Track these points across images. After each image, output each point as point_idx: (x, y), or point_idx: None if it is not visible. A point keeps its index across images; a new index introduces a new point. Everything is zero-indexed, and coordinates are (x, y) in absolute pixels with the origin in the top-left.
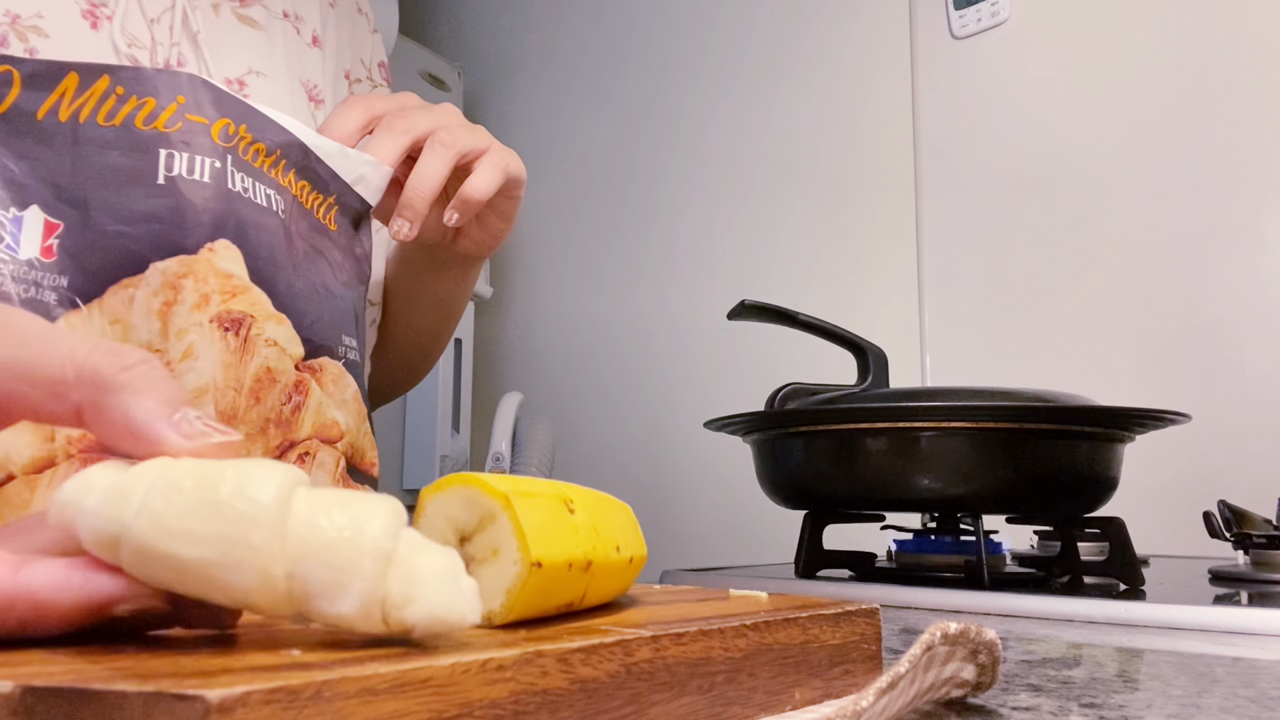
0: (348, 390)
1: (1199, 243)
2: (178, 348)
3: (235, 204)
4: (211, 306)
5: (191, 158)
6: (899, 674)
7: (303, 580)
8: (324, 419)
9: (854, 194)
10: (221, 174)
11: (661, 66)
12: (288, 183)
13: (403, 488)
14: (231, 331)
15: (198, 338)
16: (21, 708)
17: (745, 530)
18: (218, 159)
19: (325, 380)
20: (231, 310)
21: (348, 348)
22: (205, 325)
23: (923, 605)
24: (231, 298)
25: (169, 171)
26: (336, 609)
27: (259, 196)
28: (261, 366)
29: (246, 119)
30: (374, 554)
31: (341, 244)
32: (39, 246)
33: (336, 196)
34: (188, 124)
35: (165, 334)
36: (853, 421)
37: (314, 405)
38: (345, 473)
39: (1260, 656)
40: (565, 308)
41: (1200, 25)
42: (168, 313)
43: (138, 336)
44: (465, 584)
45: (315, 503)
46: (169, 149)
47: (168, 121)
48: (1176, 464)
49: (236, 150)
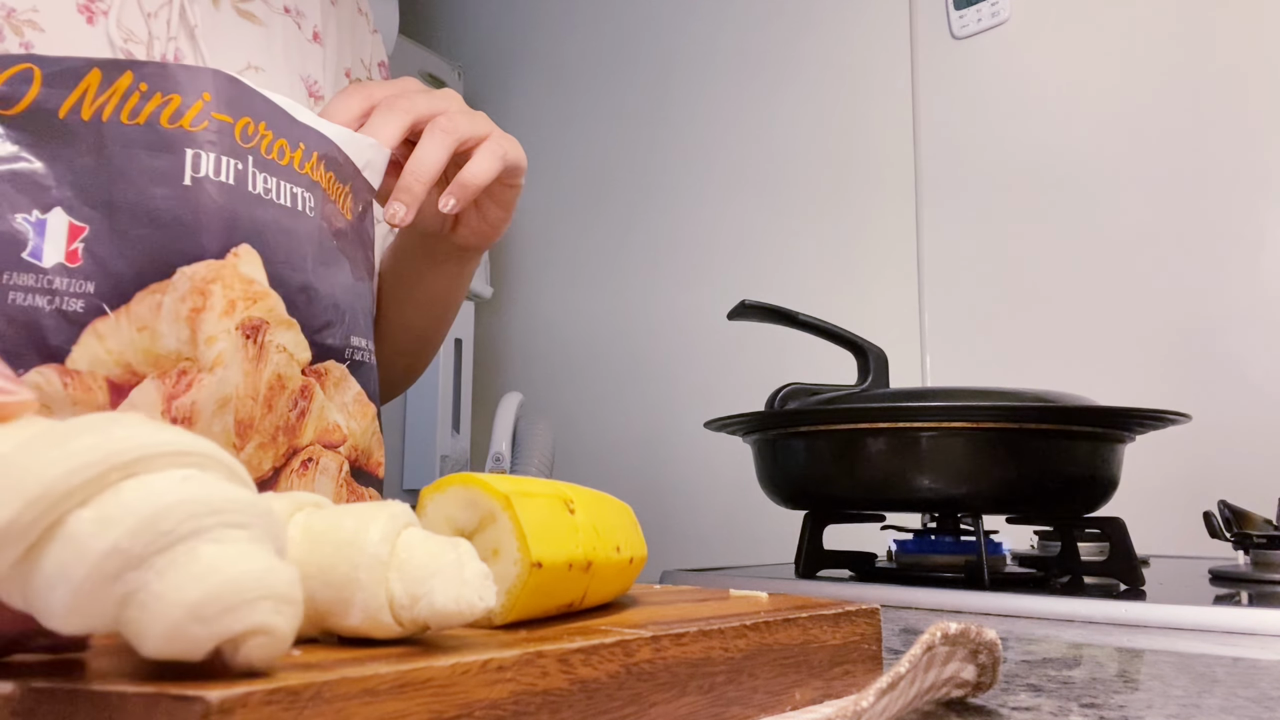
0: (349, 392)
1: (1199, 243)
2: (208, 355)
3: (256, 207)
4: (238, 313)
5: (218, 159)
6: (899, 674)
7: (313, 603)
8: (325, 424)
9: (854, 194)
10: (244, 176)
11: (662, 67)
12: (318, 176)
13: (403, 488)
14: (251, 339)
15: (226, 345)
16: (22, 708)
17: (745, 530)
18: (239, 160)
19: (328, 384)
20: (252, 317)
21: (355, 349)
22: (232, 332)
23: (923, 605)
24: (253, 304)
25: (195, 172)
26: (348, 623)
27: (283, 197)
28: (273, 374)
29: (267, 116)
30: (369, 565)
31: (355, 233)
32: (64, 251)
33: (351, 184)
34: (214, 122)
35: (194, 341)
36: (853, 421)
37: (316, 410)
38: (349, 477)
39: (1260, 656)
40: (565, 308)
41: (1200, 25)
42: (196, 319)
43: (165, 344)
44: (472, 572)
45: (314, 528)
46: (195, 149)
47: (193, 120)
48: (1176, 464)
49: (259, 150)
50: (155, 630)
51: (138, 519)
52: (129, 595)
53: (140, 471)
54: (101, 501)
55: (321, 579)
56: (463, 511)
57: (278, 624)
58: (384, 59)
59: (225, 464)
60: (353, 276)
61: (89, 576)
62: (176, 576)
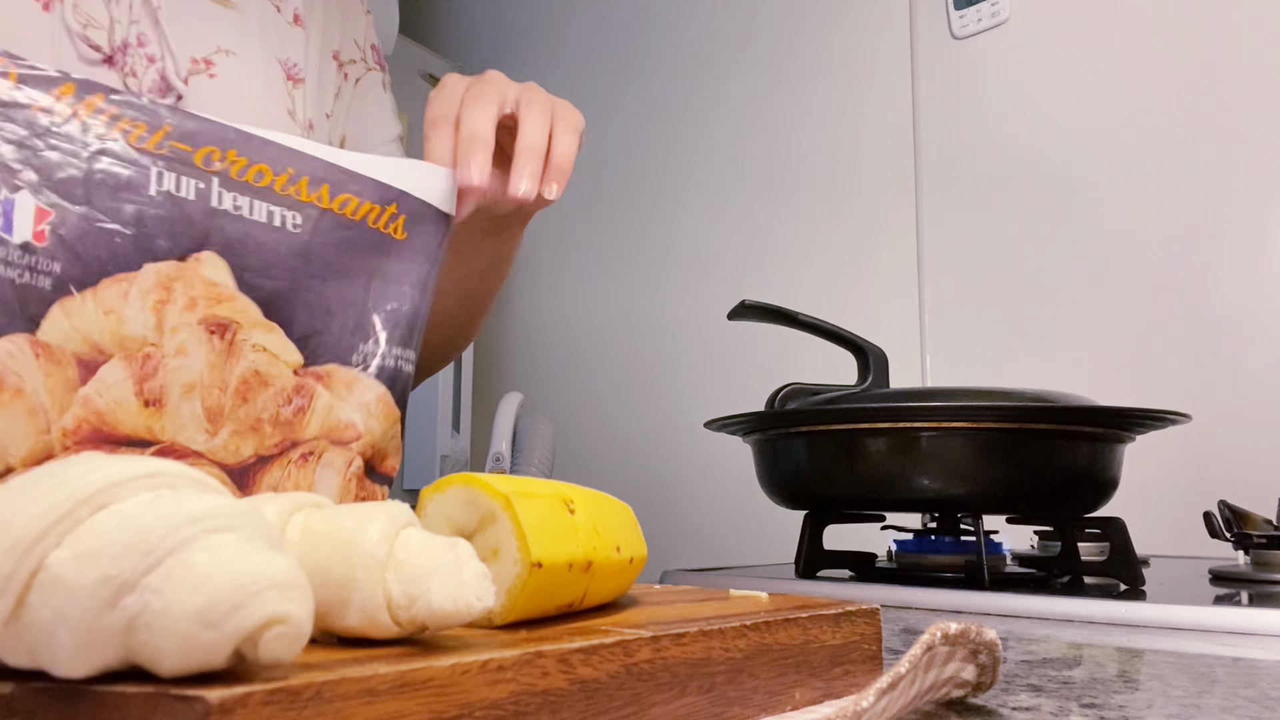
0: (368, 394)
1: (1199, 242)
2: (171, 343)
3: (222, 220)
4: (199, 310)
5: (178, 177)
6: (899, 674)
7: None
8: (335, 421)
9: (854, 194)
10: (206, 193)
11: (662, 67)
12: (314, 198)
13: (403, 488)
14: (217, 335)
15: (188, 336)
16: (22, 708)
17: (745, 530)
18: (201, 181)
19: (335, 385)
20: (218, 315)
21: (368, 355)
22: (194, 325)
23: (923, 605)
24: (217, 304)
25: (160, 185)
26: (345, 623)
27: (257, 213)
28: (249, 370)
29: (238, 144)
30: (367, 565)
31: (411, 252)
32: (31, 231)
33: (398, 205)
34: (174, 150)
35: (160, 329)
36: (853, 421)
37: (322, 408)
38: (361, 473)
39: (1260, 656)
40: (565, 308)
41: (1200, 25)
42: (161, 310)
43: (131, 329)
44: (470, 572)
45: (313, 528)
46: (159, 168)
47: (156, 145)
48: (1176, 464)
49: (227, 174)
50: (168, 647)
51: (119, 545)
52: (132, 620)
53: (109, 502)
54: (76, 538)
55: (319, 579)
56: (463, 511)
57: (290, 610)
58: (375, 41)
59: (194, 479)
60: (367, 289)
61: (85, 612)
62: (175, 589)
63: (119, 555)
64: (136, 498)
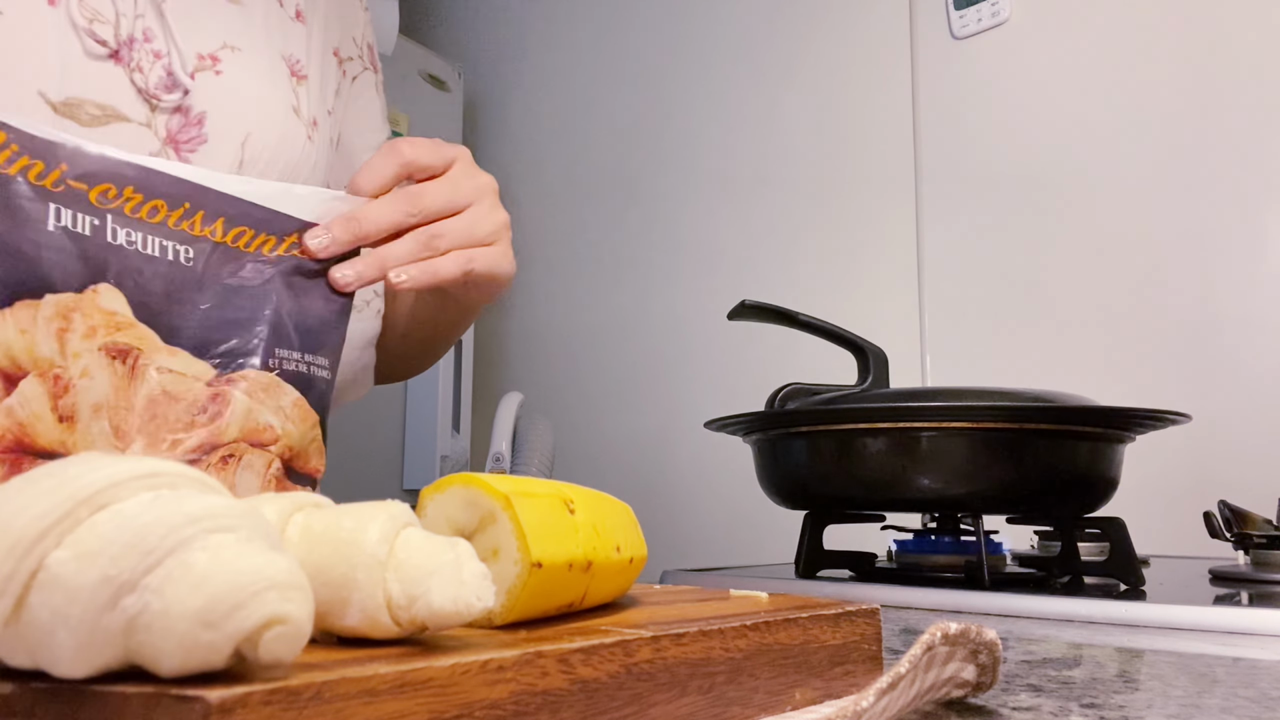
0: (285, 398)
1: (1199, 242)
2: (75, 367)
3: (117, 255)
4: (99, 337)
5: (74, 214)
6: (899, 674)
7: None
8: (255, 424)
9: (854, 194)
10: (101, 230)
11: (662, 66)
12: (207, 232)
13: (403, 488)
14: (119, 360)
15: (90, 361)
16: (22, 708)
17: (745, 530)
18: (96, 218)
19: (254, 389)
20: (118, 342)
21: (283, 359)
22: (95, 352)
23: (923, 605)
24: (116, 330)
25: (58, 221)
26: (345, 623)
27: (150, 248)
28: (155, 389)
29: (135, 181)
30: (366, 565)
31: (317, 268)
32: None
33: (300, 235)
34: (69, 188)
35: (64, 354)
36: (853, 421)
37: (240, 412)
38: (281, 474)
39: (1260, 656)
40: (565, 308)
41: (1200, 25)
42: (63, 336)
43: (41, 351)
44: (469, 572)
45: (313, 528)
46: (56, 204)
47: (54, 183)
48: (1176, 464)
49: (121, 210)
50: (168, 647)
51: (118, 545)
52: (132, 621)
53: (109, 502)
54: (76, 538)
55: (319, 579)
56: (463, 511)
57: (289, 611)
58: (372, 40)
59: (195, 479)
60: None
61: (85, 612)
62: (175, 589)
63: (119, 555)
64: (136, 498)
